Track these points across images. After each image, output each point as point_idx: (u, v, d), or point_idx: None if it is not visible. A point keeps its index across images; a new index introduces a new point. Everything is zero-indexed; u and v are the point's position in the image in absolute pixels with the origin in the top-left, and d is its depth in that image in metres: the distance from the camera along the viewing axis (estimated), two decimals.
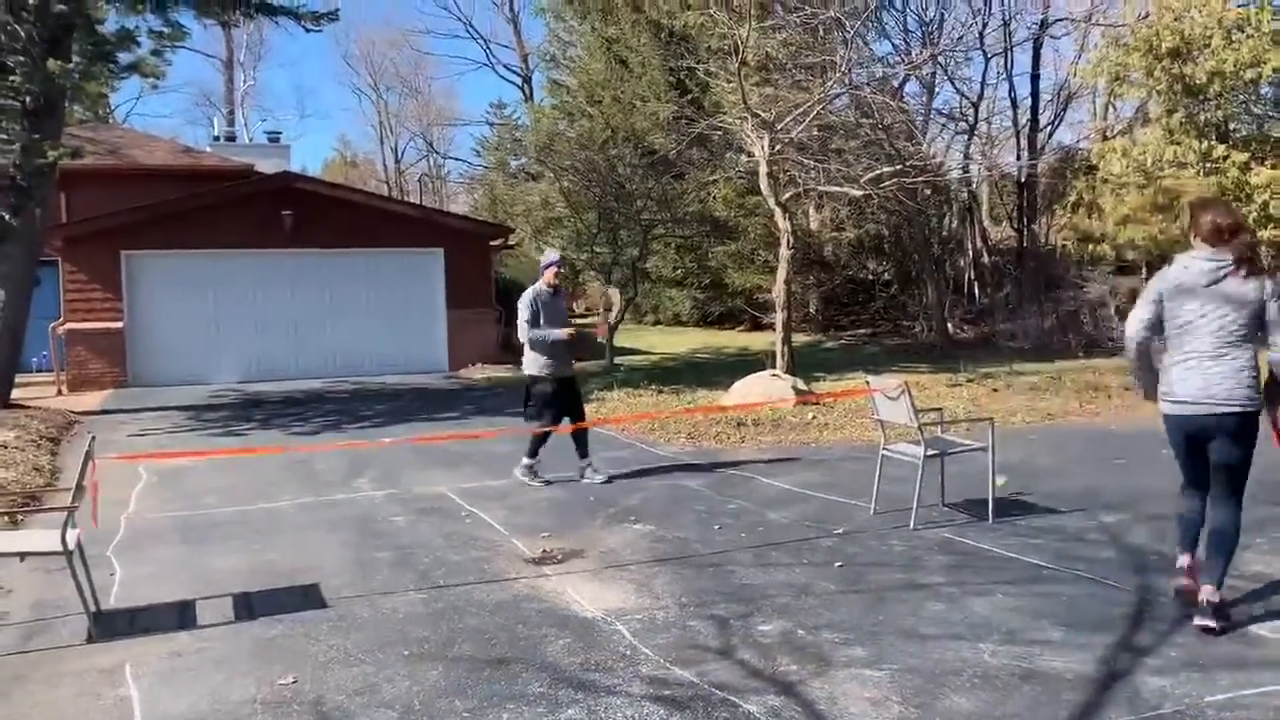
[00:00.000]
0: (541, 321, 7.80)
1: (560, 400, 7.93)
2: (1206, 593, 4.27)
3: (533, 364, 7.88)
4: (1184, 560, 4.60)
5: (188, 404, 13.92)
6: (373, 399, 14.29)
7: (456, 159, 54.01)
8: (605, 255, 19.13)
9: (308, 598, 5.13)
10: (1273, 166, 14.09)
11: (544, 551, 5.90)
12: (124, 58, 13.40)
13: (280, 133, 28.01)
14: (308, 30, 14.28)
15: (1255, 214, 14.14)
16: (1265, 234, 14.22)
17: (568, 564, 5.65)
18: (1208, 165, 14.50)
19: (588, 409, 12.36)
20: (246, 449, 9.84)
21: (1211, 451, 4.33)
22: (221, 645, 4.48)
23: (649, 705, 3.71)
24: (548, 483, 7.83)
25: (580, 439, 8.01)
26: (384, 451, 9.41)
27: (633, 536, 6.22)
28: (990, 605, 4.72)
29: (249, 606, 5.02)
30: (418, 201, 36.90)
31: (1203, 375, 4.24)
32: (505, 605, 4.93)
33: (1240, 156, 14.39)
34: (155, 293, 16.84)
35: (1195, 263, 4.31)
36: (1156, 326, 4.41)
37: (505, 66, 44.31)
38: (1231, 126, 15.26)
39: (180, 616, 4.91)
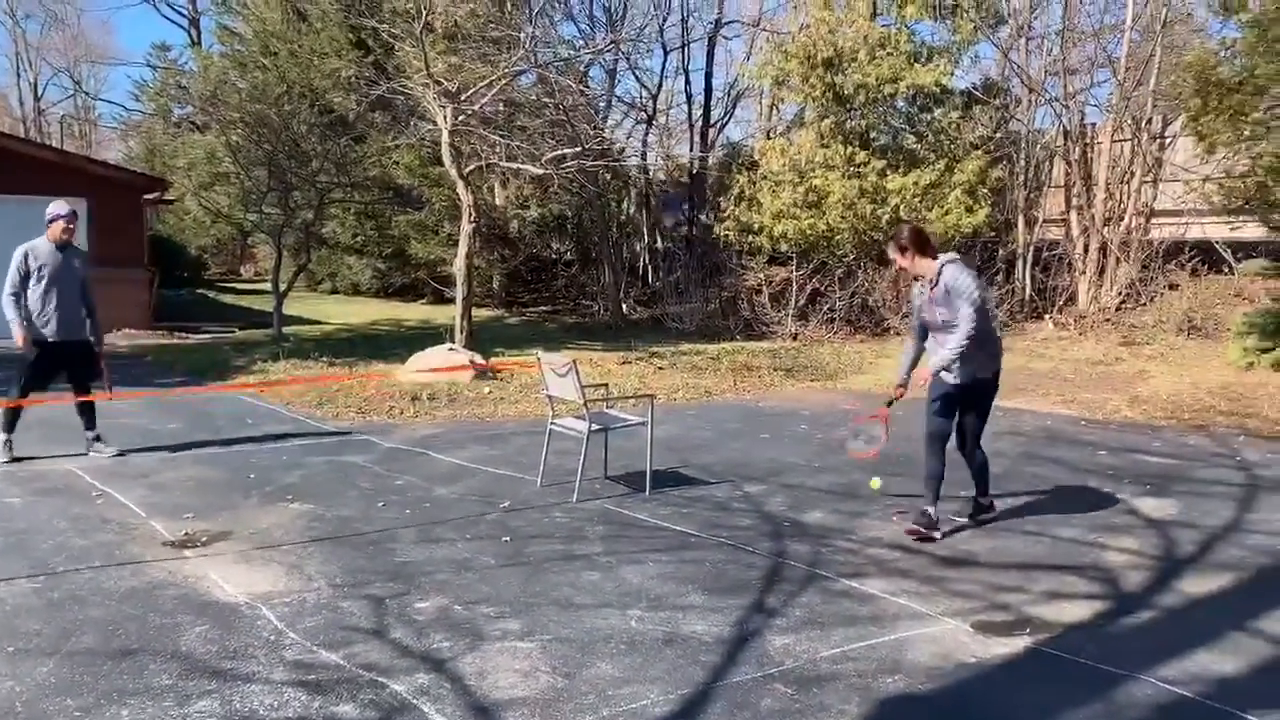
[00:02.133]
0: (40, 283, 7.09)
1: (49, 369, 7.32)
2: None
3: (38, 327, 7.16)
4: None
5: None
6: None
7: (110, 102, 48.83)
8: (276, 217, 18.04)
9: None
10: (904, 174, 15.84)
11: (186, 534, 5.48)
12: None
13: None
14: None
15: (889, 215, 15.84)
16: None
17: (212, 546, 5.27)
18: (851, 169, 16.04)
19: (251, 379, 11.72)
20: None
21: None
22: None
23: (290, 691, 3.55)
24: (17, 459, 7.17)
25: (87, 410, 7.47)
26: None
27: (288, 516, 5.92)
28: (641, 573, 4.95)
29: None
30: (58, 145, 32.91)
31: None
32: (137, 593, 4.53)
33: (878, 163, 16.06)
34: None
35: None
36: None
37: (170, 5, 40.43)
38: (872, 135, 16.96)
39: None
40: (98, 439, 7.45)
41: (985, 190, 16.47)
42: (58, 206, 7.30)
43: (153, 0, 41.16)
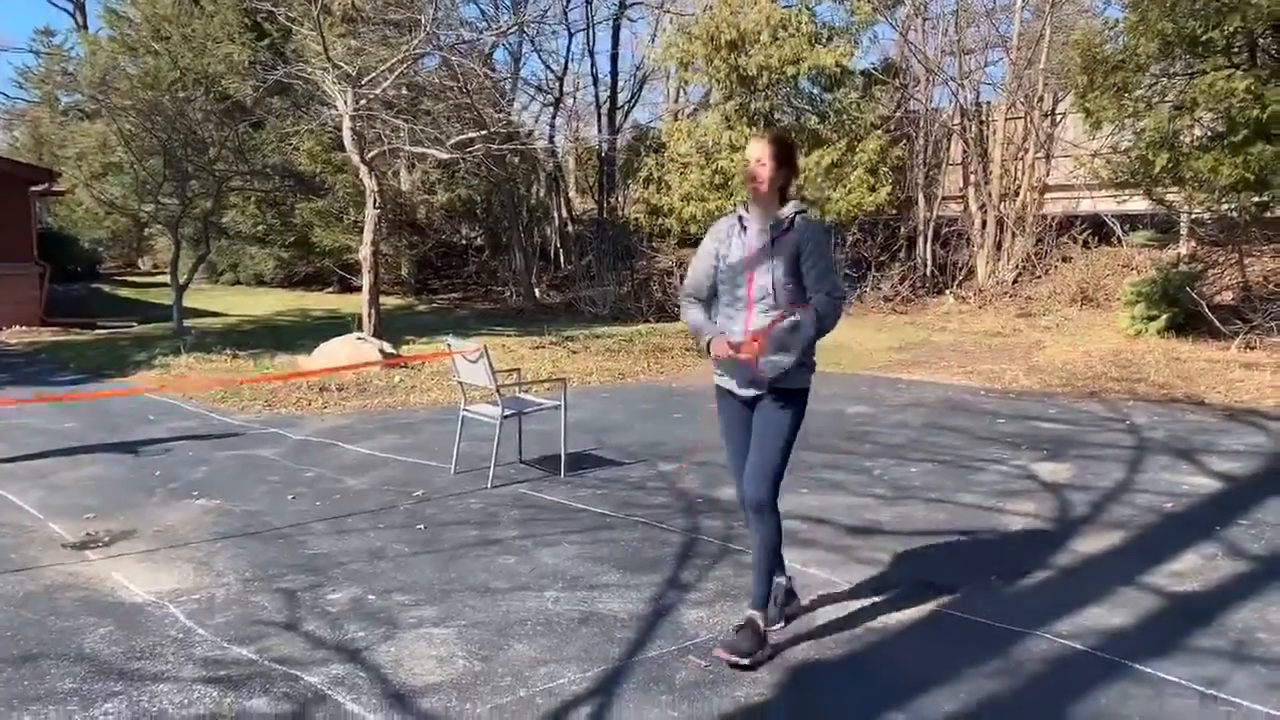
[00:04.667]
0: None
1: None
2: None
3: None
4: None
5: None
6: None
7: None
8: (173, 207, 17.47)
9: None
10: (807, 154, 16.07)
11: (87, 534, 5.32)
12: None
13: None
14: None
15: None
16: None
17: (115, 546, 5.13)
18: None
19: (152, 375, 11.37)
20: None
21: None
22: None
23: (200, 688, 3.49)
24: None
25: None
26: None
27: (195, 512, 5.79)
28: (557, 555, 4.98)
29: None
30: None
31: None
32: (35, 597, 4.39)
33: None
34: None
35: None
36: None
37: None
38: (776, 116, 17.15)
39: None
40: None
41: (886, 169, 16.82)
42: None
43: None
